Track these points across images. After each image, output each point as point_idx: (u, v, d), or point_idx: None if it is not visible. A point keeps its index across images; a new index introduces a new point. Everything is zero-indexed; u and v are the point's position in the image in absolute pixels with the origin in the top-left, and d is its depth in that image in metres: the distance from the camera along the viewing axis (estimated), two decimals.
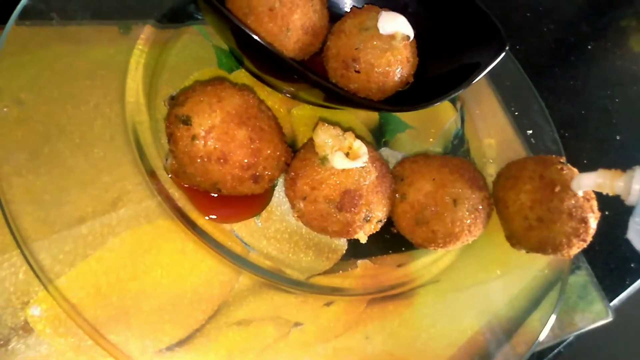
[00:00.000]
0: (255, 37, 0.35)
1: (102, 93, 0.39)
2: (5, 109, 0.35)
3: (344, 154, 0.35)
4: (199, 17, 0.46)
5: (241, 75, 0.46)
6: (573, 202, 0.40)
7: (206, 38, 0.46)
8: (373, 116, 0.49)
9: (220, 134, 0.33)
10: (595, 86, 0.69)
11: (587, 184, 0.38)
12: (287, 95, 0.46)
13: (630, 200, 0.34)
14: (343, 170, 0.36)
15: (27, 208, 0.33)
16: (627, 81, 0.72)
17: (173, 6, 0.46)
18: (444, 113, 0.52)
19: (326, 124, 0.36)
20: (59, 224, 0.34)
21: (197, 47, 0.46)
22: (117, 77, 0.40)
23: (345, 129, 0.37)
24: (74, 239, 0.34)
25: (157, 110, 0.40)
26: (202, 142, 0.33)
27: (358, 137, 0.37)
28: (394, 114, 0.50)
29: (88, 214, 0.35)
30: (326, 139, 0.36)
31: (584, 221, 0.40)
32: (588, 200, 0.41)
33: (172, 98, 0.41)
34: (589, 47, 0.73)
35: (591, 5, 0.81)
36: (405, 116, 0.50)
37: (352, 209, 0.36)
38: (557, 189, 0.40)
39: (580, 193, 0.40)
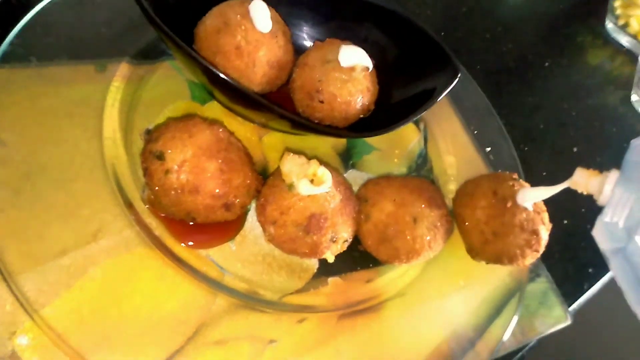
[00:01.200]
0: (223, 76, 0.38)
1: (81, 130, 0.41)
2: None
3: (309, 181, 0.38)
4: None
5: (214, 107, 0.49)
6: (524, 215, 0.43)
7: (179, 73, 0.49)
8: (341, 140, 0.52)
9: (192, 167, 0.36)
10: (552, 101, 0.73)
11: (528, 197, 0.41)
12: (258, 124, 0.49)
13: (601, 200, 0.35)
14: (309, 195, 0.39)
15: (11, 243, 0.35)
16: (582, 95, 0.76)
17: (147, 43, 0.49)
18: (408, 134, 0.56)
19: (292, 154, 0.39)
20: (42, 257, 0.36)
21: (171, 82, 0.48)
22: (94, 114, 0.43)
23: (310, 157, 0.40)
24: (58, 270, 0.36)
25: (133, 144, 0.43)
26: (175, 175, 0.36)
27: (323, 163, 0.40)
28: None
29: (70, 245, 0.37)
30: (292, 167, 0.38)
31: (535, 233, 0.43)
32: (539, 213, 0.44)
33: (148, 132, 0.44)
34: (546, 64, 0.78)
35: (549, 26, 0.85)
36: (371, 139, 0.53)
37: (319, 231, 0.38)
38: (509, 204, 0.43)
39: (529, 207, 0.43)
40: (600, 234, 0.33)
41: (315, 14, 0.51)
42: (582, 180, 0.37)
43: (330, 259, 0.41)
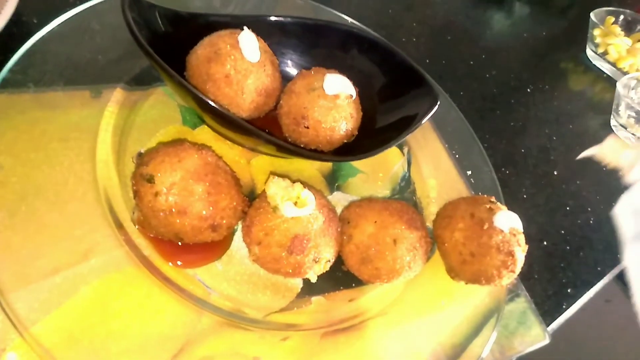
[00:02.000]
0: (213, 104, 0.40)
1: (75, 154, 0.43)
2: None
3: (292, 203, 0.40)
4: None
5: (204, 131, 0.51)
6: (500, 237, 0.45)
7: (171, 98, 0.51)
8: (327, 163, 0.54)
9: (180, 190, 0.38)
10: (534, 126, 0.76)
11: (504, 220, 0.43)
12: (247, 147, 0.50)
13: (631, 176, 0.32)
14: (293, 217, 0.40)
15: (4, 262, 0.36)
16: (563, 120, 0.79)
17: (141, 70, 0.51)
18: (392, 158, 0.58)
19: (276, 177, 0.41)
20: (34, 276, 0.37)
21: (163, 107, 0.50)
22: (89, 138, 0.44)
23: (294, 181, 0.42)
24: (49, 288, 0.37)
25: (125, 167, 0.45)
26: (164, 197, 0.38)
27: (307, 186, 0.42)
28: None
29: (62, 265, 0.38)
30: (277, 190, 0.40)
31: (511, 254, 0.45)
32: (514, 235, 0.46)
33: (140, 155, 0.46)
34: (529, 90, 0.81)
35: (531, 53, 0.89)
36: (356, 162, 0.55)
37: (301, 251, 0.40)
38: (486, 226, 0.45)
39: (506, 229, 0.45)
40: (624, 216, 0.32)
41: (303, 43, 0.54)
42: (616, 148, 0.34)
43: (313, 278, 0.42)
